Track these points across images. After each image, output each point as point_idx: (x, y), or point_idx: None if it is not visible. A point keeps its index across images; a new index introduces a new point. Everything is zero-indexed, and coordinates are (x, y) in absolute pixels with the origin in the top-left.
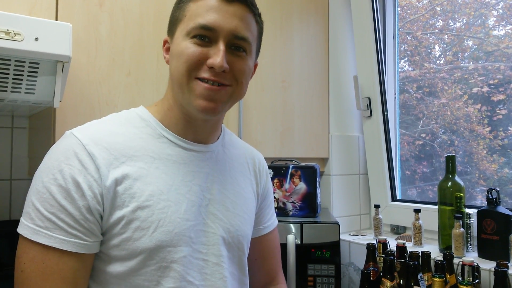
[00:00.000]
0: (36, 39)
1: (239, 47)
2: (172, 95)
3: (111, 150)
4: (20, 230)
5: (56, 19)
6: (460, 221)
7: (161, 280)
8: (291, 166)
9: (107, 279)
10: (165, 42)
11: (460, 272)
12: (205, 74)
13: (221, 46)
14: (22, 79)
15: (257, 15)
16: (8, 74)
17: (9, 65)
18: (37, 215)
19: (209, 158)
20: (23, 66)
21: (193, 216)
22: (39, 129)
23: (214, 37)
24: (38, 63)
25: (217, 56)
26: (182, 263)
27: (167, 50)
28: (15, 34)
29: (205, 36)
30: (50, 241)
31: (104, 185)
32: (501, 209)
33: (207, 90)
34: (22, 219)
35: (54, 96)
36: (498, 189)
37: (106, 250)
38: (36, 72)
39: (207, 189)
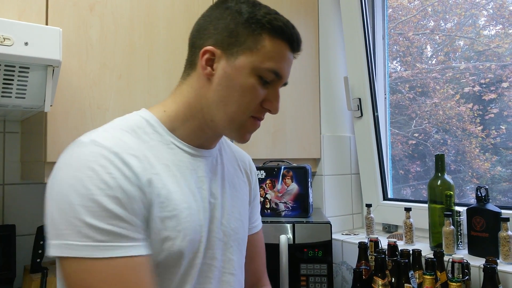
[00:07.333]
0: (26, 43)
1: None
2: (190, 110)
3: (140, 157)
4: (72, 253)
5: (46, 24)
6: (450, 219)
7: (180, 286)
8: (283, 167)
9: None
10: (211, 52)
11: (450, 269)
12: (261, 115)
13: (279, 92)
14: (12, 84)
15: None
16: None
17: None
18: (94, 230)
19: (211, 162)
20: (13, 71)
21: (206, 222)
22: (31, 134)
23: (275, 82)
24: (28, 68)
25: (277, 102)
26: (196, 269)
27: (210, 61)
28: (4, 39)
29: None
30: (119, 252)
31: (144, 193)
32: (490, 206)
33: (256, 127)
34: (67, 242)
35: (45, 101)
36: (487, 187)
37: None
38: (27, 77)
39: (212, 194)
